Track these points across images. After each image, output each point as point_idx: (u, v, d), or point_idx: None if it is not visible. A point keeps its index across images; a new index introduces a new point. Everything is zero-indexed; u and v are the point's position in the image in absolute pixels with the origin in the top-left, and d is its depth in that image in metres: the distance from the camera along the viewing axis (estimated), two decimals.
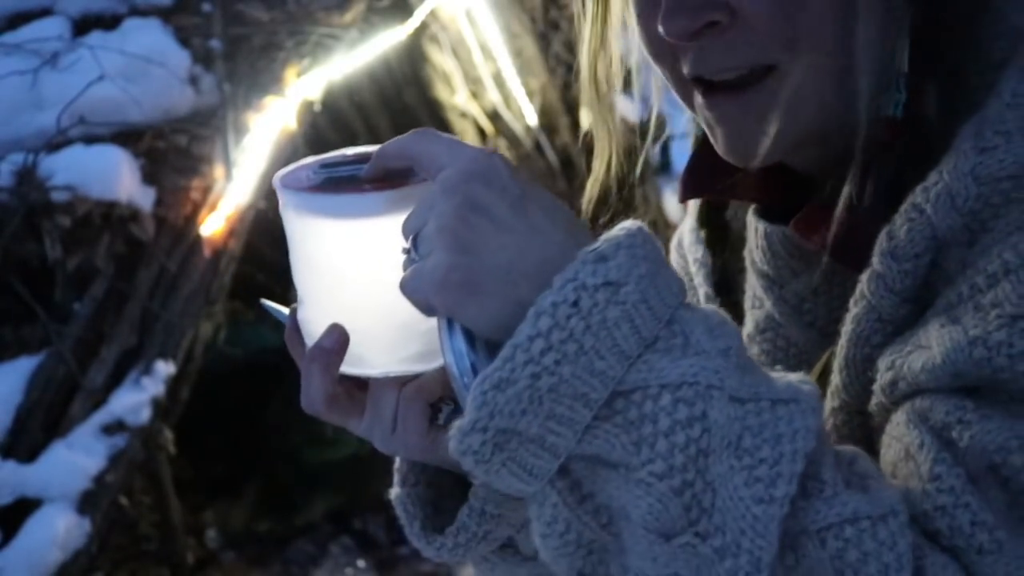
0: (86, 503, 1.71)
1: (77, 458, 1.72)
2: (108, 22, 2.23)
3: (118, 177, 1.88)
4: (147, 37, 2.15)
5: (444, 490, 0.63)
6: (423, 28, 3.30)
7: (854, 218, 0.60)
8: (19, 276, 1.80)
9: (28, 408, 1.73)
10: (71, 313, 1.83)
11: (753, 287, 0.75)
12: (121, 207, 1.88)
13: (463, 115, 3.67)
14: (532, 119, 3.64)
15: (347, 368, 0.59)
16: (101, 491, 1.74)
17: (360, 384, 0.61)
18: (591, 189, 0.75)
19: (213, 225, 2.07)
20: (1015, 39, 0.57)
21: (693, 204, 0.81)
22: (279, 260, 0.78)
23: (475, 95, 3.65)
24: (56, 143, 1.92)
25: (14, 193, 1.81)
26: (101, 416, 1.78)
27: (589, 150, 0.75)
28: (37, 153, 1.87)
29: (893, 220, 0.56)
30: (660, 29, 0.58)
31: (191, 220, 2.04)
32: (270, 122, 2.24)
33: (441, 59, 3.56)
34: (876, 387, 0.56)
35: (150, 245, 1.96)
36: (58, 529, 1.64)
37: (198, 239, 2.05)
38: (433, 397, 0.58)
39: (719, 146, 0.64)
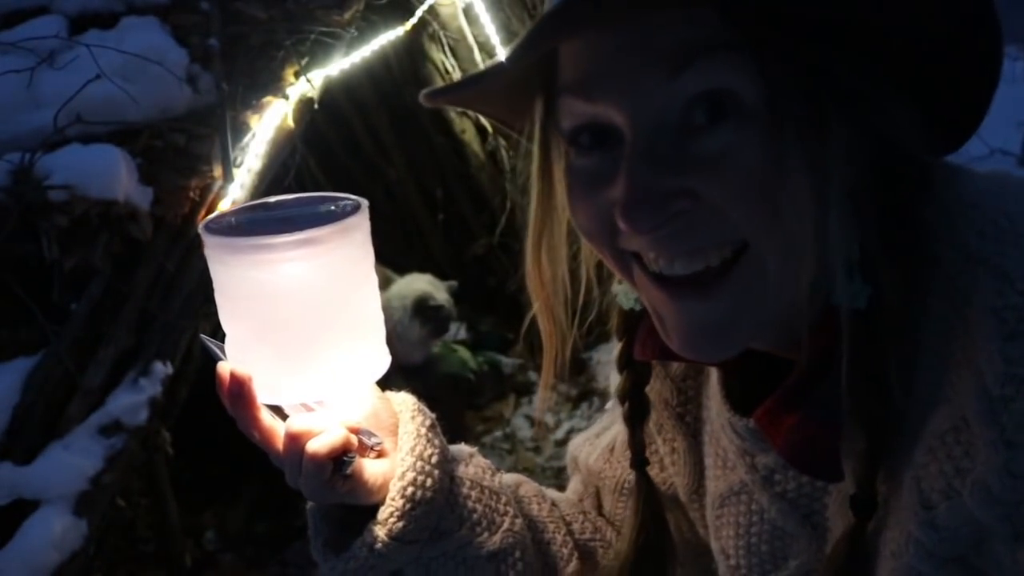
0: (83, 504, 1.70)
1: (74, 459, 1.71)
2: (105, 20, 2.22)
3: (116, 176, 1.87)
4: (145, 36, 2.14)
5: (356, 514, 0.70)
6: (422, 26, 3.29)
7: (813, 428, 0.62)
8: (16, 276, 1.79)
9: (25, 409, 1.72)
10: (68, 313, 1.82)
11: (726, 449, 0.76)
12: (119, 206, 1.87)
13: (463, 113, 3.66)
14: None
15: (263, 398, 0.65)
16: (98, 492, 1.73)
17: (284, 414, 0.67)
18: (545, 378, 0.78)
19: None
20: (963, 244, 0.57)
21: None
22: None
23: None
24: (53, 142, 1.91)
25: (11, 192, 1.80)
26: (98, 417, 1.77)
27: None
28: (34, 152, 1.86)
29: (922, 489, 0.56)
30: (621, 224, 0.57)
31: (189, 219, 2.03)
32: (269, 121, 2.23)
33: (440, 57, 3.55)
34: None
35: (148, 245, 1.95)
36: (55, 530, 1.63)
37: (196, 239, 2.04)
38: (336, 452, 0.64)
39: (672, 343, 0.62)
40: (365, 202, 0.66)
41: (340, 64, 2.50)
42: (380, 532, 0.68)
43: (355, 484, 0.67)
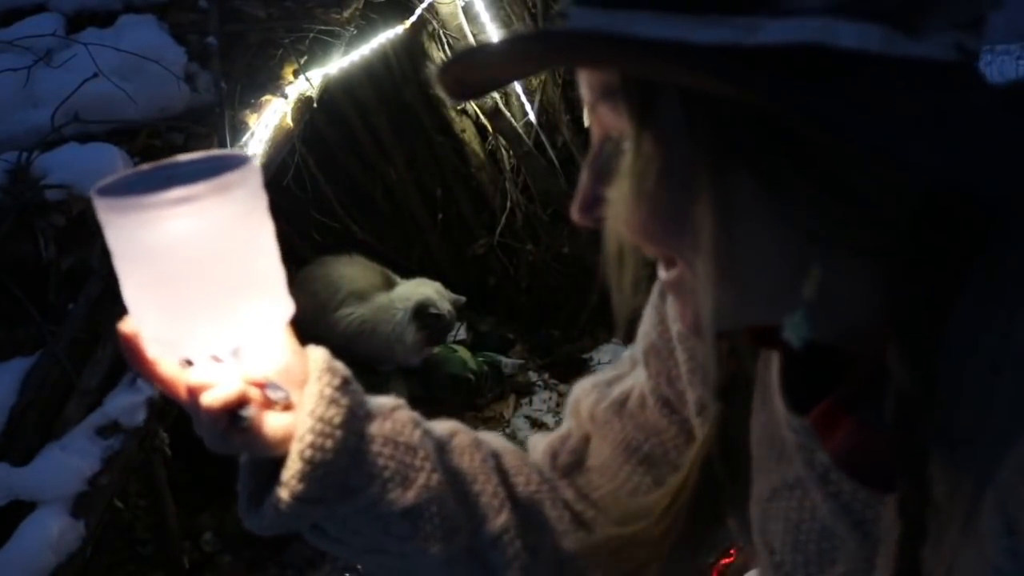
0: (81, 506, 1.69)
1: (71, 460, 1.70)
2: (103, 19, 2.21)
3: (113, 175, 1.86)
4: (142, 34, 2.13)
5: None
6: (422, 25, 3.28)
7: (866, 433, 0.61)
8: (13, 276, 1.78)
9: (22, 410, 1.71)
10: (65, 313, 1.81)
11: (784, 440, 0.73)
12: None
13: (462, 113, 3.65)
14: (532, 117, 3.62)
15: (165, 353, 0.68)
16: (96, 493, 1.72)
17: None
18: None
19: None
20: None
21: None
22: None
23: None
24: (50, 141, 1.90)
25: (7, 192, 1.79)
26: (96, 418, 1.76)
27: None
28: (31, 151, 1.85)
29: (1008, 514, 0.52)
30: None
31: None
32: (267, 120, 2.22)
33: (440, 56, 3.54)
34: None
35: None
36: (52, 532, 1.62)
37: None
38: (229, 405, 0.66)
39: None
40: (251, 158, 0.67)
41: (339, 63, 2.49)
42: (283, 494, 0.71)
43: (252, 438, 0.69)
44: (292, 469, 0.71)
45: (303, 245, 3.65)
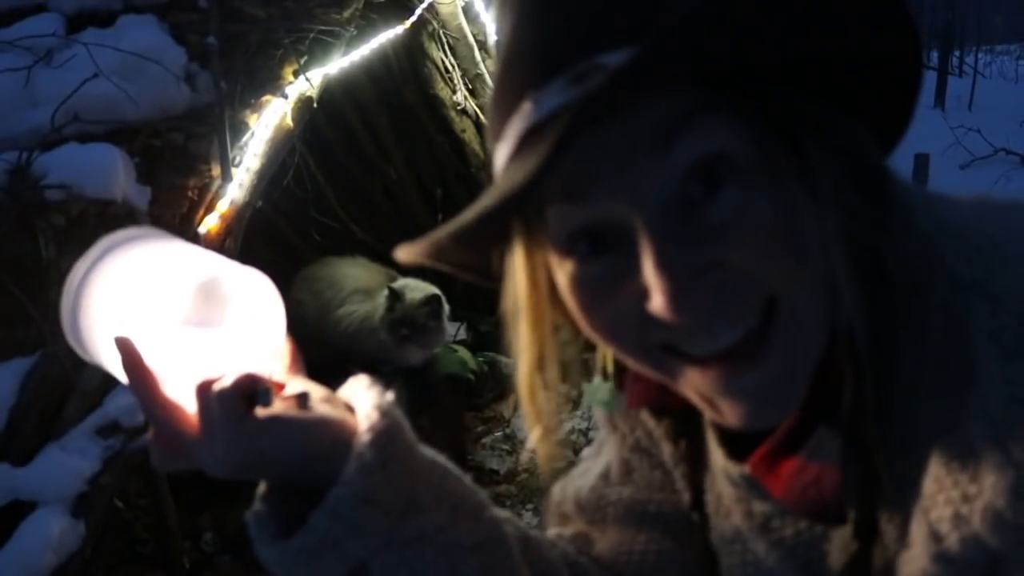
0: (81, 506, 1.69)
1: (71, 460, 1.70)
2: (103, 19, 2.21)
3: (113, 176, 1.86)
4: (142, 34, 2.13)
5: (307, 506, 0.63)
6: (422, 25, 3.28)
7: (815, 470, 0.61)
8: (13, 275, 1.78)
9: (22, 410, 1.71)
10: None
11: (720, 495, 0.73)
12: (116, 206, 1.86)
13: (462, 112, 3.65)
14: None
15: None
16: (96, 493, 1.72)
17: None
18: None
19: (210, 224, 2.05)
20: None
21: None
22: (277, 260, 0.76)
23: (474, 92, 3.62)
24: (50, 141, 1.90)
25: (8, 192, 1.79)
26: (96, 418, 1.76)
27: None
28: (31, 151, 1.85)
29: (930, 521, 0.55)
30: (667, 314, 0.54)
31: (187, 219, 2.02)
32: (267, 120, 2.22)
33: (440, 56, 3.54)
34: None
35: None
36: (52, 532, 1.62)
37: (195, 238, 2.03)
38: (242, 386, 0.61)
39: (729, 418, 0.59)
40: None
41: (339, 63, 2.49)
42: (345, 493, 0.60)
43: (281, 426, 0.61)
44: (362, 460, 0.61)
45: (303, 245, 3.65)
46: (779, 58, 0.55)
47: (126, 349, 0.61)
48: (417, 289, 2.96)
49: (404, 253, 0.63)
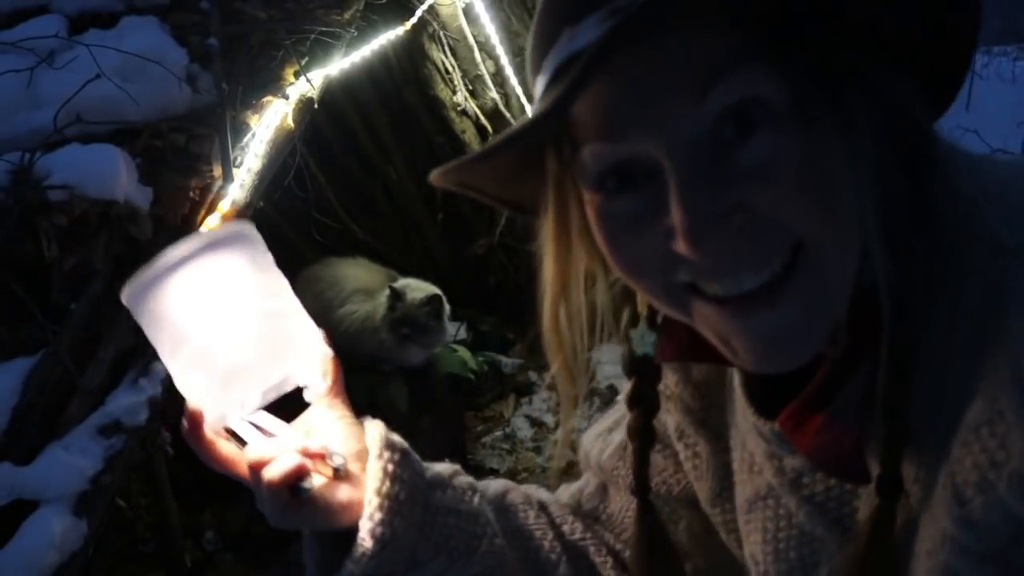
0: (83, 505, 1.69)
1: (74, 459, 1.71)
2: (105, 20, 2.22)
3: (115, 176, 1.87)
4: (144, 35, 2.14)
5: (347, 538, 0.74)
6: (422, 26, 3.29)
7: (839, 429, 0.62)
8: (15, 276, 1.79)
9: (24, 409, 1.71)
10: (68, 313, 1.82)
11: (752, 452, 0.75)
12: (118, 206, 1.87)
13: (463, 113, 3.66)
14: None
15: (212, 422, 0.70)
16: (98, 493, 1.73)
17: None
18: (560, 444, 0.80)
19: (211, 225, 2.06)
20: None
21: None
22: (278, 260, 0.77)
23: (475, 94, 3.63)
24: (53, 142, 1.91)
25: (10, 192, 1.80)
26: (98, 417, 1.76)
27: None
28: (33, 152, 1.86)
29: (956, 484, 0.55)
30: (687, 251, 0.55)
31: (189, 219, 2.03)
32: (268, 121, 2.23)
33: (441, 57, 3.55)
34: None
35: (148, 245, 1.94)
36: (55, 531, 1.62)
37: None
38: (289, 479, 0.68)
39: (746, 361, 0.61)
40: (244, 225, 0.71)
41: (340, 64, 2.49)
42: (354, 569, 0.72)
43: (314, 510, 0.70)
44: (363, 548, 0.72)
45: (304, 245, 3.65)
46: (823, 5, 0.55)
47: (193, 419, 0.70)
48: (418, 289, 2.97)
49: (437, 177, 0.66)
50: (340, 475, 0.73)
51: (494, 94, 3.55)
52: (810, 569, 0.71)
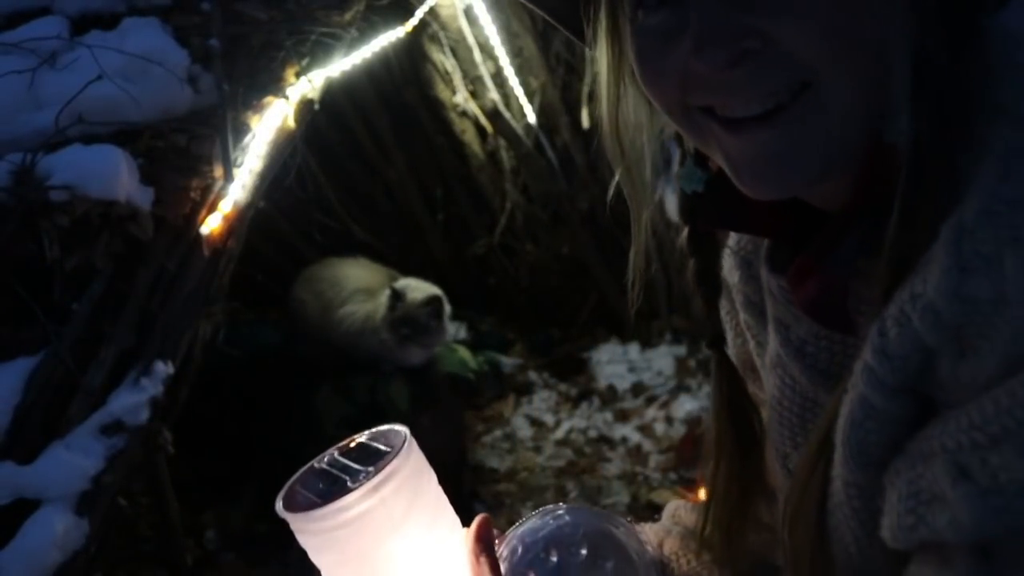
0: (85, 504, 1.70)
1: (76, 459, 1.71)
2: (107, 21, 2.23)
3: (117, 177, 1.88)
4: (146, 36, 2.14)
5: None
6: (423, 27, 3.30)
7: (829, 279, 0.66)
8: (17, 276, 1.80)
9: (26, 409, 1.72)
10: (69, 313, 1.82)
11: (767, 319, 0.78)
12: (120, 207, 1.87)
13: (463, 114, 3.66)
14: (532, 118, 3.64)
15: None
16: (100, 492, 1.73)
17: None
18: (634, 259, 0.80)
19: (212, 225, 2.06)
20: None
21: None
22: (279, 260, 0.78)
23: (475, 94, 3.64)
24: (54, 142, 1.91)
25: (12, 192, 1.80)
26: (100, 417, 1.77)
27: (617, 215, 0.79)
28: (35, 153, 1.86)
29: (883, 317, 0.58)
30: (696, 62, 0.59)
31: (190, 220, 2.03)
32: (269, 122, 2.23)
33: (441, 58, 3.56)
34: (892, 520, 0.58)
35: (149, 245, 1.95)
36: (56, 530, 1.63)
37: (197, 239, 2.04)
38: None
39: (744, 180, 0.64)
40: (405, 432, 0.74)
41: (341, 65, 2.50)
42: None
43: None
44: None
45: (305, 245, 3.66)
46: None
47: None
48: (418, 289, 2.98)
49: None
50: None
51: (494, 95, 3.56)
52: (811, 435, 0.73)
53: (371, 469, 0.70)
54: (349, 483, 0.70)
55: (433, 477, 0.75)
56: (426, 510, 0.73)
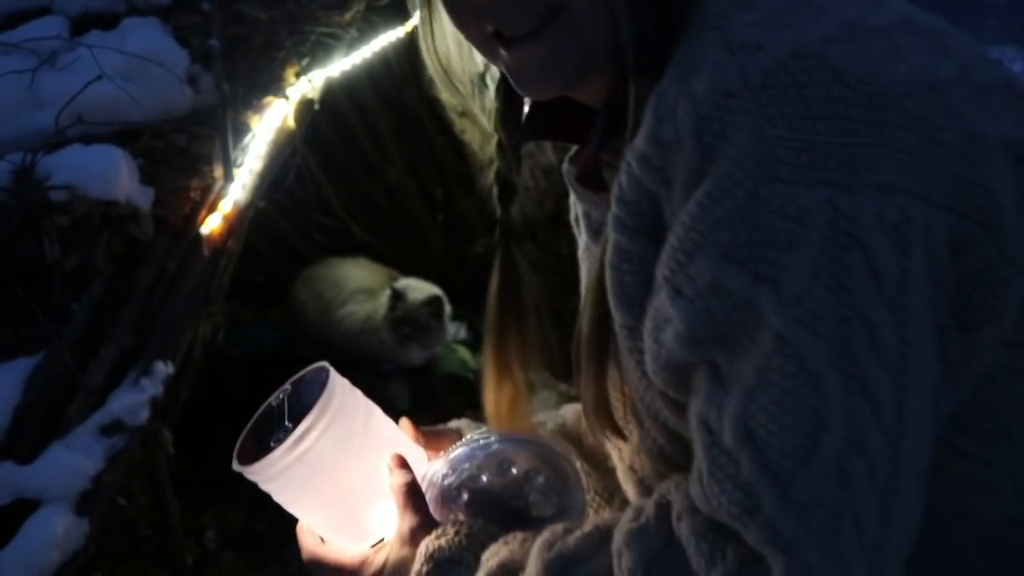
0: (84, 504, 1.70)
1: (76, 459, 1.71)
2: (107, 21, 2.23)
3: (117, 177, 1.88)
4: (146, 36, 2.14)
5: None
6: None
7: (588, 152, 0.81)
8: (17, 276, 1.80)
9: (26, 409, 1.72)
10: (69, 313, 1.82)
11: (578, 215, 0.95)
12: (120, 207, 1.87)
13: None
14: None
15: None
16: (100, 492, 1.73)
17: None
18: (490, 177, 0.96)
19: (212, 225, 2.06)
20: None
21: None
22: (279, 260, 0.78)
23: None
24: (54, 143, 1.92)
25: (12, 192, 1.81)
26: (100, 417, 1.77)
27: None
28: (35, 153, 1.86)
29: (619, 172, 0.71)
30: None
31: (190, 220, 2.04)
32: (269, 122, 2.23)
33: None
34: (647, 353, 0.70)
35: (149, 245, 1.95)
36: (56, 530, 1.63)
37: (197, 239, 2.04)
38: None
39: (520, 84, 0.80)
40: (325, 373, 0.87)
41: (341, 65, 2.50)
42: None
43: None
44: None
45: (305, 245, 3.66)
46: None
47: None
48: (419, 289, 2.98)
49: None
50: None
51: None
52: (586, 284, 0.88)
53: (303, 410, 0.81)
54: (287, 424, 0.81)
55: (360, 402, 0.86)
56: (354, 438, 0.82)
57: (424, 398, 2.98)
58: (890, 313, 0.59)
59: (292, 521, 0.99)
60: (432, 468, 0.86)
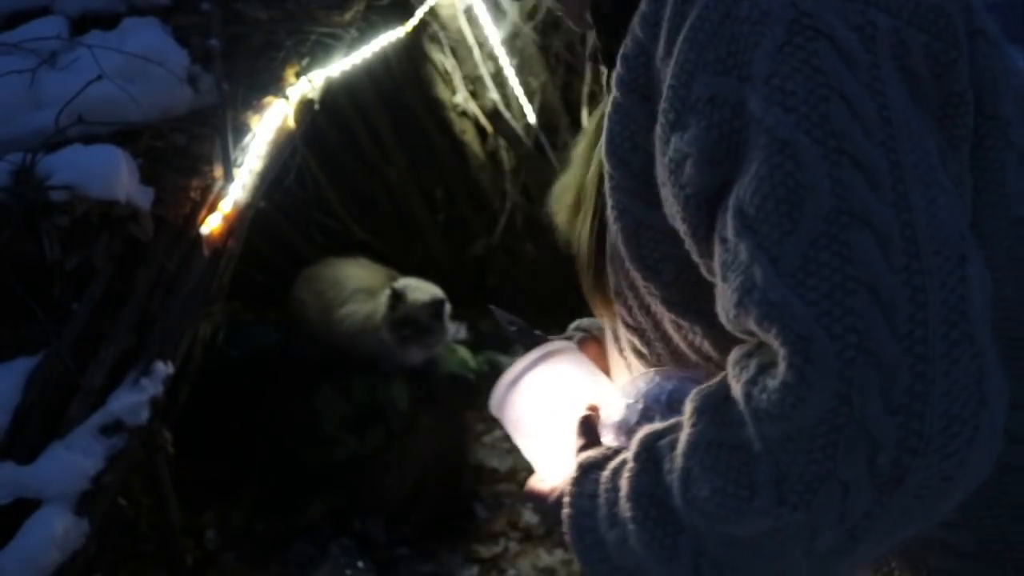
0: (84, 504, 1.70)
1: (75, 459, 1.71)
2: (107, 21, 2.23)
3: (117, 177, 1.88)
4: (146, 36, 2.14)
5: None
6: (423, 27, 3.30)
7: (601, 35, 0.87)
8: (17, 276, 1.80)
9: (26, 409, 1.72)
10: (69, 313, 1.82)
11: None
12: (120, 207, 1.88)
13: (463, 114, 3.66)
14: (532, 118, 3.63)
15: None
16: (99, 492, 1.73)
17: None
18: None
19: (212, 225, 2.06)
20: None
21: None
22: (279, 260, 0.78)
23: (475, 94, 3.64)
24: (54, 142, 1.92)
25: (12, 192, 1.81)
26: (100, 417, 1.77)
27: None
28: (35, 152, 1.86)
29: (625, 40, 0.76)
30: None
31: (190, 220, 2.04)
32: (269, 122, 2.23)
33: (441, 58, 3.55)
34: (676, 198, 0.71)
35: (149, 245, 1.95)
36: (56, 530, 1.63)
37: (197, 239, 2.04)
38: None
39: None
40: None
41: (340, 65, 2.50)
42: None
43: None
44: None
45: (305, 245, 3.66)
46: None
47: None
48: (419, 289, 2.97)
49: None
50: None
51: (494, 95, 3.56)
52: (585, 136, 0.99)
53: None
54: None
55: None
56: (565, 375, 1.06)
57: (424, 398, 2.98)
58: (868, 95, 0.61)
59: (292, 521, 0.99)
60: (613, 403, 0.94)
